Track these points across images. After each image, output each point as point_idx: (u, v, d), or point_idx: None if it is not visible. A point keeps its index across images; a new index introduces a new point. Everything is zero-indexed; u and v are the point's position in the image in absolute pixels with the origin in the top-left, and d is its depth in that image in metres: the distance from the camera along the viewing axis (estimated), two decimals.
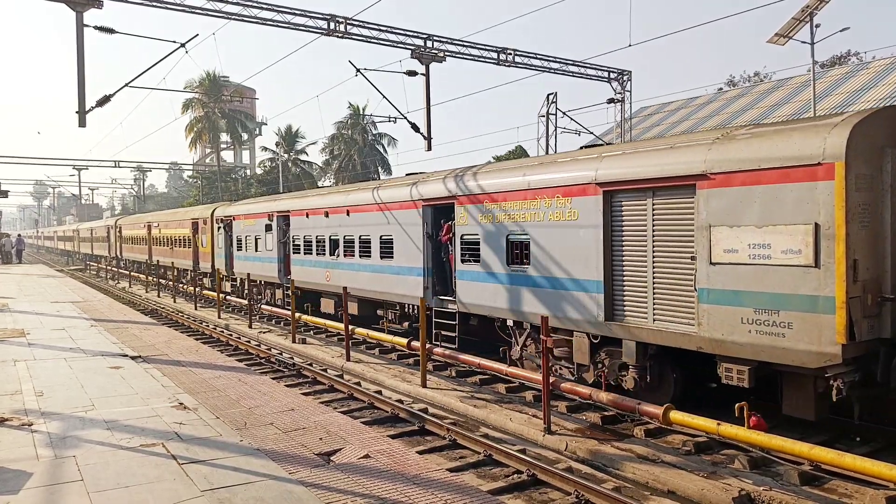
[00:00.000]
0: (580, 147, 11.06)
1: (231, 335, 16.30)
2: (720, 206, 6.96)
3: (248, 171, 63.97)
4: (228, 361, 11.40)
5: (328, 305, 16.05)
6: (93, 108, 14.79)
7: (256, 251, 19.37)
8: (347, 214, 14.42)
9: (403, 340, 11.97)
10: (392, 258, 12.84)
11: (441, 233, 11.78)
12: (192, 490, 5.34)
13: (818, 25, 21.98)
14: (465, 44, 20.73)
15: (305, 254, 16.46)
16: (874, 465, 5.51)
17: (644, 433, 7.74)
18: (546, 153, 25.38)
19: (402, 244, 12.55)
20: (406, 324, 13.43)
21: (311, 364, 12.71)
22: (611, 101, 25.31)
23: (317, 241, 15.88)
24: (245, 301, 18.54)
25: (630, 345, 8.12)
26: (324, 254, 15.55)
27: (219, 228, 22.30)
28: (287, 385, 10.54)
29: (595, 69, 24.71)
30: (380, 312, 14.18)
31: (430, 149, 19.22)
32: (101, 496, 5.21)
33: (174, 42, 15.12)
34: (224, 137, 57.46)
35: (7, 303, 18.84)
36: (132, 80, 15.96)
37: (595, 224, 8.42)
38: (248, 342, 15.34)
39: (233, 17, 17.12)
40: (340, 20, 18.18)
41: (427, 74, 19.13)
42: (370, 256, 13.54)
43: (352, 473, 5.77)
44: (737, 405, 6.66)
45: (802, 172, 6.35)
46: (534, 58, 22.67)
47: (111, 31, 14.88)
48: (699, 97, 36.85)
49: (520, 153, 35.55)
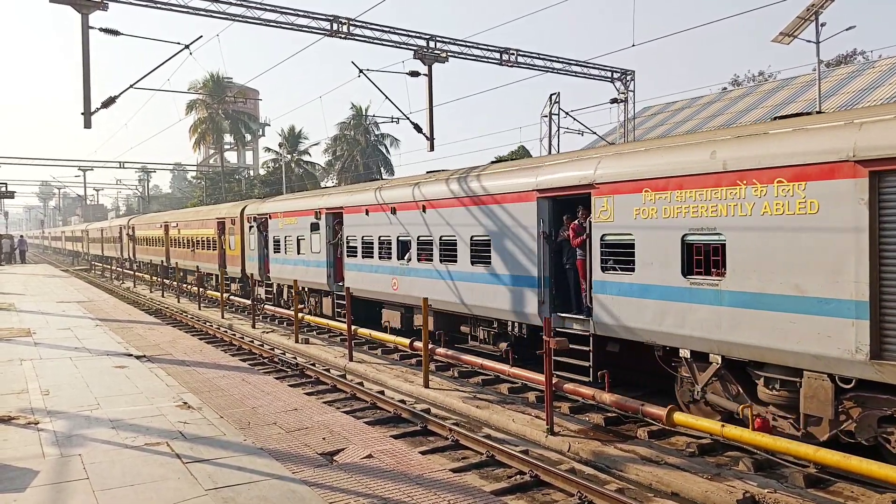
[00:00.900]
0: None
1: (235, 335, 16.35)
2: None
3: (252, 172, 64.10)
4: (232, 361, 11.43)
5: (392, 318, 13.60)
6: (98, 110, 14.87)
7: (299, 254, 16.93)
8: (423, 211, 12.03)
9: (406, 341, 11.98)
10: (487, 264, 10.55)
11: (563, 232, 9.42)
12: (197, 489, 5.36)
13: (824, 24, 21.87)
14: (468, 44, 20.73)
15: (364, 257, 14.06)
16: (881, 468, 5.48)
17: (647, 434, 7.74)
18: (549, 153, 25.32)
19: (505, 247, 10.18)
20: (503, 345, 10.84)
21: (314, 364, 12.75)
22: (614, 101, 25.25)
23: (380, 243, 13.52)
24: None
25: None
26: (389, 257, 13.18)
27: (250, 228, 20.00)
28: (290, 385, 10.57)
29: (598, 69, 24.68)
30: (465, 329, 11.95)
31: (433, 149, 19.24)
32: (107, 495, 5.24)
33: (178, 44, 15.19)
34: (227, 138, 57.64)
35: (13, 302, 18.94)
36: (137, 82, 16.04)
37: (852, 220, 6.06)
38: (252, 342, 15.39)
39: (236, 19, 17.17)
40: (343, 21, 18.22)
41: (429, 75, 19.14)
42: (455, 261, 11.32)
43: (355, 473, 5.78)
44: (741, 407, 6.64)
45: None
46: (536, 58, 22.66)
47: (116, 33, 14.95)
48: (703, 97, 36.75)
49: (522, 153, 35.49)
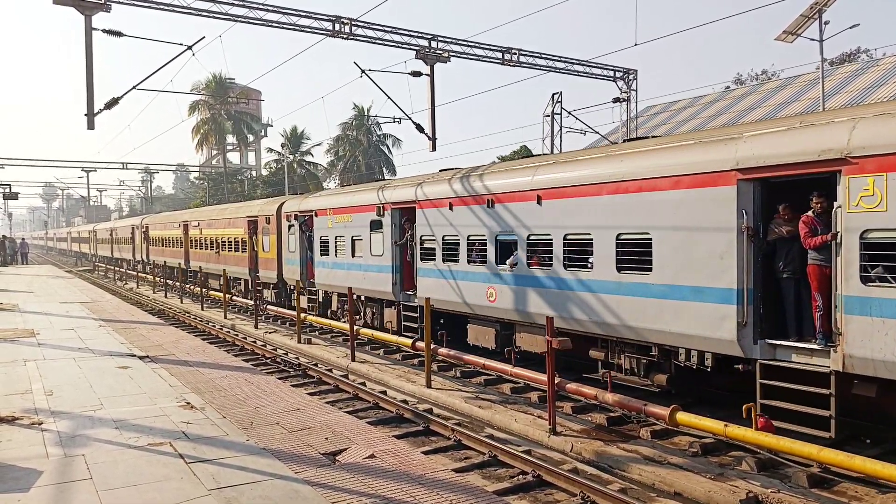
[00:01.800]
0: None
1: (237, 335, 16.38)
2: None
3: (254, 173, 64.24)
4: (235, 361, 11.45)
5: (483, 336, 11.22)
6: (101, 111, 14.91)
7: (354, 256, 14.51)
8: (538, 202, 9.65)
9: (408, 341, 11.97)
10: (646, 270, 8.06)
11: (777, 228, 6.98)
12: (200, 489, 5.37)
13: (827, 22, 21.80)
14: (470, 44, 20.72)
15: (446, 261, 11.67)
16: (885, 468, 5.45)
17: (650, 434, 7.72)
18: (551, 153, 25.29)
19: (676, 248, 7.66)
20: (661, 377, 8.38)
21: (317, 364, 12.76)
22: (616, 101, 25.21)
23: (469, 244, 11.20)
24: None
25: None
26: (482, 261, 10.90)
27: (289, 227, 17.79)
28: (293, 385, 10.58)
29: (600, 68, 24.63)
30: (595, 354, 9.24)
31: (435, 149, 19.23)
32: (110, 494, 5.25)
33: (181, 45, 15.23)
34: (230, 139, 57.77)
35: (17, 303, 19.01)
36: (140, 83, 16.09)
37: None
38: (254, 342, 15.41)
39: (238, 20, 17.20)
40: (345, 21, 18.23)
41: (431, 75, 19.14)
42: (587, 267, 8.88)
43: (357, 473, 5.79)
44: (744, 406, 6.62)
45: None
46: (539, 57, 22.63)
47: (119, 35, 15.00)
48: (706, 96, 36.68)
49: (525, 153, 35.54)
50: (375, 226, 13.78)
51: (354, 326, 12.92)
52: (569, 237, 9.24)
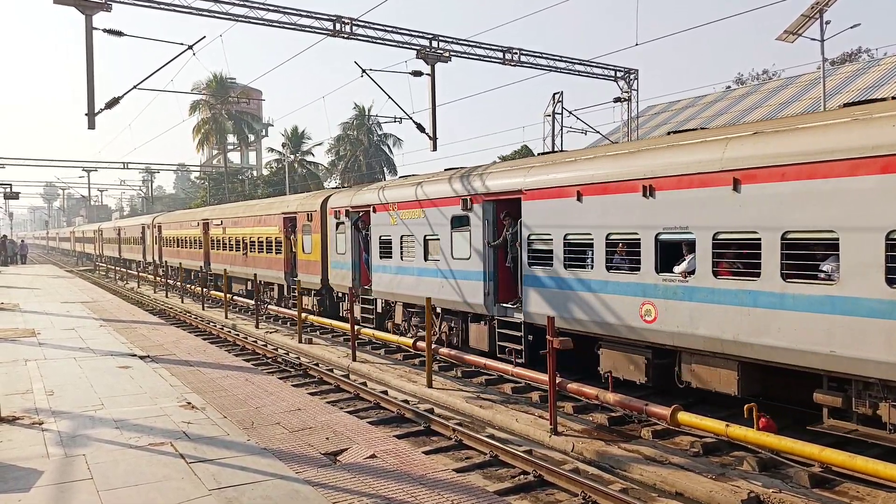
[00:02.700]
0: None
1: (238, 335, 16.39)
2: None
3: (255, 172, 64.29)
4: (236, 361, 11.45)
5: (627, 365, 8.66)
6: (102, 111, 14.91)
7: (428, 259, 12.06)
8: (734, 188, 7.04)
9: (409, 341, 11.96)
10: None
11: None
12: (201, 489, 5.37)
13: (828, 22, 21.81)
14: (471, 44, 20.71)
15: (570, 268, 9.10)
16: (886, 468, 5.44)
17: (651, 434, 7.71)
18: (552, 152, 25.28)
19: None
20: None
21: (318, 364, 12.76)
22: (617, 100, 25.19)
23: (609, 245, 8.57)
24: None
25: None
26: (633, 268, 8.28)
27: (338, 225, 15.48)
28: (294, 385, 10.58)
29: (601, 68, 24.61)
30: (822, 398, 6.68)
31: (436, 149, 19.22)
32: (111, 495, 5.25)
33: (181, 44, 15.22)
34: (231, 139, 57.79)
35: (18, 303, 19.02)
36: (140, 83, 16.09)
37: None
38: (255, 342, 15.42)
39: (239, 19, 17.19)
40: (346, 21, 18.22)
41: (432, 75, 19.13)
42: (827, 280, 6.45)
43: (358, 473, 5.78)
44: (746, 406, 6.61)
45: None
46: (540, 57, 22.61)
47: (120, 34, 15.00)
48: (707, 95, 36.68)
49: (526, 153, 35.52)
50: (460, 223, 11.26)
51: (355, 326, 12.92)
52: (790, 237, 6.62)
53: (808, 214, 6.48)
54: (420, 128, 18.66)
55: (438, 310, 12.07)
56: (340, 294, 15.74)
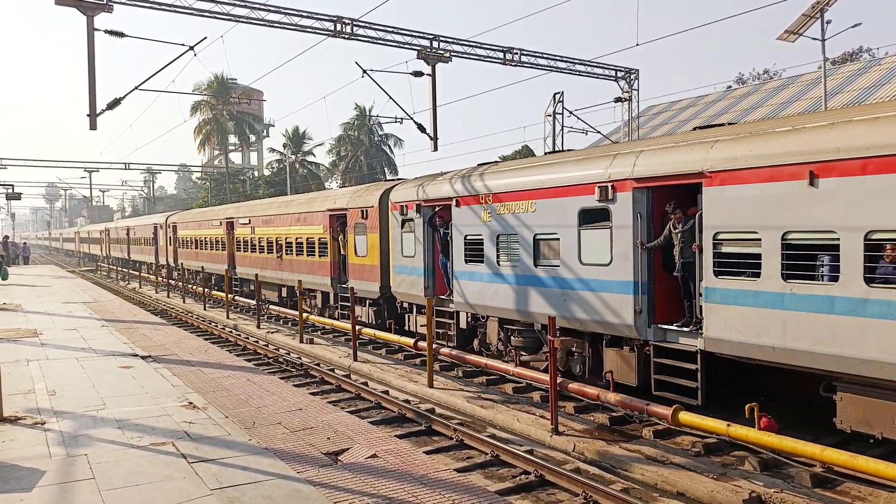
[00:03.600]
0: None
1: (239, 335, 16.40)
2: None
3: (256, 173, 64.37)
4: (237, 361, 11.47)
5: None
6: (103, 111, 14.94)
7: (540, 265, 9.60)
8: None
9: (410, 341, 11.97)
10: None
11: None
12: (202, 489, 5.38)
13: (829, 22, 21.79)
14: (472, 44, 20.73)
15: (791, 278, 6.57)
16: (888, 468, 5.44)
17: (653, 434, 7.71)
18: (553, 152, 25.29)
19: None
20: None
21: (319, 364, 12.77)
22: (618, 100, 25.20)
23: (868, 248, 6.00)
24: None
25: None
26: None
27: (403, 222, 13.00)
28: (295, 385, 10.59)
29: (602, 68, 24.62)
30: None
31: (437, 149, 19.24)
32: (113, 494, 5.26)
33: (182, 45, 15.25)
34: (232, 139, 57.89)
35: (20, 303, 19.06)
36: (142, 83, 16.11)
37: None
38: (257, 342, 15.43)
39: (240, 20, 17.22)
40: (347, 21, 18.24)
41: (433, 75, 19.15)
42: None
43: (359, 473, 5.79)
44: (747, 406, 6.61)
45: None
46: (540, 57, 22.62)
47: (121, 35, 15.02)
48: (708, 95, 36.67)
49: (526, 153, 35.51)
50: (593, 217, 8.73)
51: (356, 326, 12.93)
52: None
53: None
54: (421, 128, 18.68)
55: (539, 326, 9.85)
56: (406, 304, 13.28)
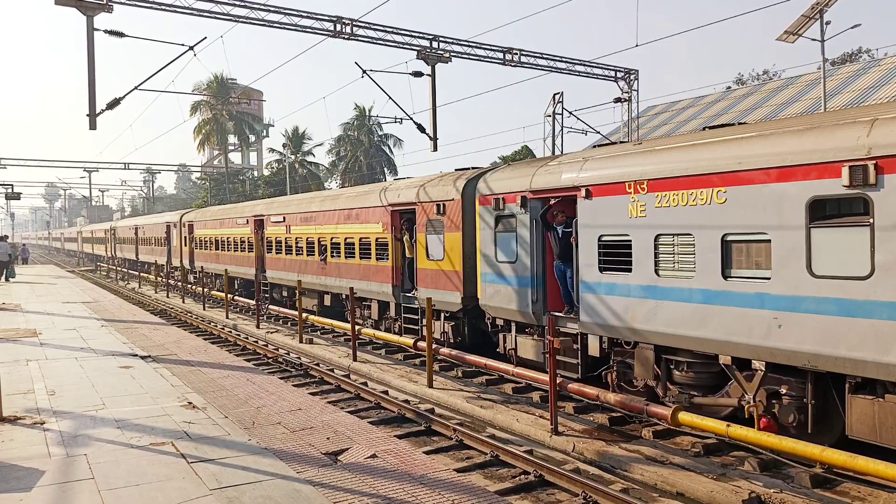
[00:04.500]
0: None
1: (239, 335, 16.40)
2: None
3: (256, 173, 64.37)
4: (237, 361, 11.46)
5: None
6: (103, 111, 14.94)
7: (732, 276, 6.94)
8: None
9: (409, 341, 11.97)
10: None
11: None
12: (202, 489, 5.38)
13: (828, 22, 21.81)
14: (471, 44, 20.73)
15: None
16: (888, 468, 5.44)
17: (652, 434, 7.71)
18: (553, 153, 25.30)
19: None
20: None
21: (318, 364, 12.76)
22: (618, 101, 25.21)
23: None
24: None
25: None
26: None
27: (498, 219, 10.49)
28: (294, 385, 10.58)
29: (602, 68, 24.63)
30: None
31: (436, 149, 19.25)
32: (112, 494, 5.25)
33: (182, 45, 15.25)
34: (232, 139, 57.88)
35: (20, 303, 19.05)
36: (141, 84, 16.11)
37: None
38: (256, 342, 15.43)
39: (240, 20, 17.22)
40: (346, 22, 18.24)
41: (433, 75, 19.16)
42: None
43: (359, 473, 5.78)
44: (747, 406, 6.61)
45: None
46: (540, 57, 22.63)
47: (121, 35, 15.02)
48: (707, 96, 36.71)
49: (526, 153, 35.52)
50: (832, 208, 6.24)
51: (356, 326, 12.92)
52: None
53: None
54: (420, 128, 18.68)
55: (728, 359, 7.06)
56: (500, 322, 10.69)
